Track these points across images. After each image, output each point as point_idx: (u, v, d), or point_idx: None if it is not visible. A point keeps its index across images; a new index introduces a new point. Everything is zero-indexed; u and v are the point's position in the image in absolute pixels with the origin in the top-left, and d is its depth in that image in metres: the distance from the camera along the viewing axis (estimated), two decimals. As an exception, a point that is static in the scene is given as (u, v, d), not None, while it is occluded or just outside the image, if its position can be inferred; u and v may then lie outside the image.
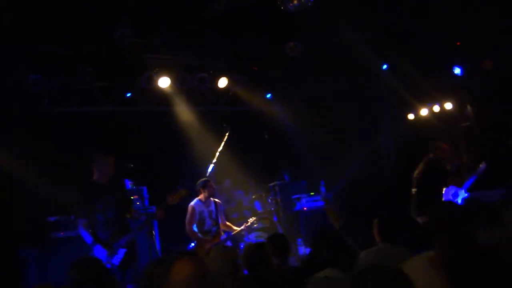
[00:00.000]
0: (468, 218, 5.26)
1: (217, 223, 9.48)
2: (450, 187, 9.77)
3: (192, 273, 3.88)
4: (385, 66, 12.68)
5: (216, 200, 9.74)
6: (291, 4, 8.08)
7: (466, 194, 9.75)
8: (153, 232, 8.31)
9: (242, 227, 9.78)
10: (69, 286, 4.92)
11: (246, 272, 5.53)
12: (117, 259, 7.35)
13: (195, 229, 9.29)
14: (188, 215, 9.29)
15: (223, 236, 9.59)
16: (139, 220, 8.09)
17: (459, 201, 9.70)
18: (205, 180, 9.58)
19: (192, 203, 9.37)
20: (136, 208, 8.45)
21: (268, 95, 12.91)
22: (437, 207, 6.19)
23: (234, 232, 9.75)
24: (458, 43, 11.75)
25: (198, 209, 9.36)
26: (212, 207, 9.51)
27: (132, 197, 9.22)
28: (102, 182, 7.77)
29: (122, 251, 7.44)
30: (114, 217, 7.65)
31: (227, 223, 9.89)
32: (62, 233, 9.75)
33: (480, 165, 9.77)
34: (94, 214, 7.54)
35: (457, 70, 12.33)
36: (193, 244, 9.46)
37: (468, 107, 13.29)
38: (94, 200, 7.59)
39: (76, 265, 5.04)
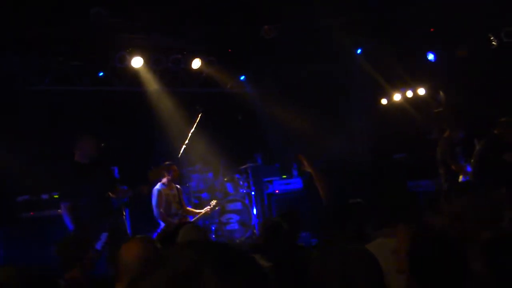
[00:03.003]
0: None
1: (181, 207, 9.51)
2: None
3: (141, 254, 3.81)
4: (359, 51, 12.73)
5: (178, 185, 9.77)
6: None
7: None
8: (124, 215, 8.28)
9: (205, 210, 9.82)
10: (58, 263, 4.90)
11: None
12: (99, 244, 7.34)
13: (163, 212, 9.30)
14: (156, 199, 9.28)
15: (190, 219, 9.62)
16: (122, 200, 8.10)
17: None
18: (169, 164, 9.58)
19: (157, 186, 9.36)
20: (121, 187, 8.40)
21: (242, 77, 12.89)
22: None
23: (195, 218, 9.75)
24: (432, 29, 11.84)
25: (164, 192, 9.37)
26: (175, 191, 9.55)
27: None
28: (84, 163, 7.75)
29: (104, 235, 7.44)
30: (98, 198, 7.64)
31: (188, 208, 9.92)
32: (32, 213, 9.70)
33: None
34: (78, 196, 7.52)
35: (430, 56, 12.43)
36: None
37: (441, 93, 13.40)
38: (78, 182, 7.57)
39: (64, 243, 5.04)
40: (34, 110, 10.40)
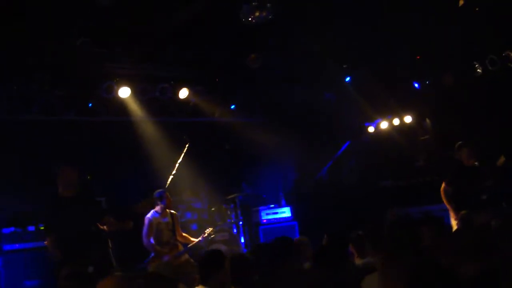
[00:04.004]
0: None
1: (174, 235, 9.41)
2: None
3: None
4: (348, 79, 12.79)
5: (173, 211, 9.66)
6: (252, 17, 8.12)
7: None
8: (110, 246, 8.18)
9: (200, 239, 9.70)
10: None
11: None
12: None
13: (153, 241, 9.19)
14: (145, 228, 9.19)
15: (182, 249, 9.50)
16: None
17: None
18: (161, 191, 9.49)
19: (149, 215, 9.27)
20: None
21: (232, 106, 12.87)
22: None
23: (191, 244, 9.65)
24: (418, 57, 11.93)
25: (155, 221, 9.26)
26: (169, 219, 9.43)
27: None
28: (68, 195, 7.66)
29: (90, 268, 7.35)
30: (84, 230, 7.55)
31: (184, 234, 9.80)
32: (17, 245, 9.58)
33: None
34: (61, 230, 7.42)
35: (416, 85, 12.52)
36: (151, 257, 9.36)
37: (427, 120, 13.47)
38: (61, 216, 7.48)
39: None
40: (18, 140, 10.30)
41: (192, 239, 9.72)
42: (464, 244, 4.25)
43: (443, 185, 9.53)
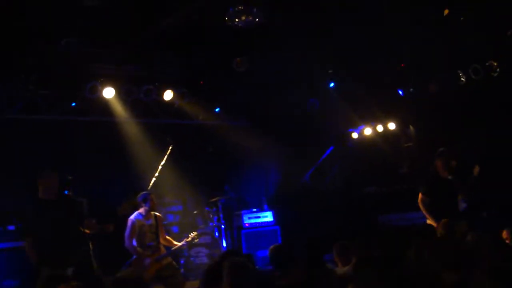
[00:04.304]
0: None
1: (157, 238, 9.36)
2: None
3: None
4: (332, 85, 12.83)
5: (157, 214, 9.61)
6: (238, 21, 8.12)
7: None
8: (91, 248, 8.13)
9: (183, 242, 9.63)
10: None
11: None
12: None
13: (135, 243, 9.15)
14: (127, 229, 9.14)
15: (165, 252, 9.45)
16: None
17: None
18: (146, 193, 9.45)
19: (132, 217, 9.22)
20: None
21: (216, 109, 12.86)
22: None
23: (174, 247, 9.61)
24: (402, 65, 12.00)
25: (138, 223, 9.22)
26: (153, 221, 9.38)
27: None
28: (49, 199, 7.63)
29: (70, 270, 7.33)
30: (64, 233, 7.51)
31: (168, 237, 9.76)
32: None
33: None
34: (40, 233, 7.39)
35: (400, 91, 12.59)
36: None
37: (411, 127, 13.54)
38: (39, 219, 7.45)
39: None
40: (1, 139, 10.24)
41: (175, 242, 9.66)
42: (446, 251, 4.28)
43: (420, 195, 9.58)
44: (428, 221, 9.36)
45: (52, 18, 8.50)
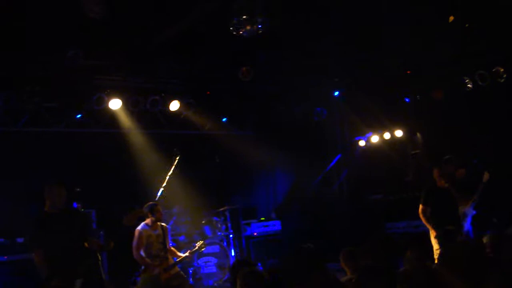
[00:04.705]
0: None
1: (165, 248, 9.34)
2: None
3: None
4: (337, 93, 12.82)
5: (163, 224, 9.59)
6: (243, 30, 8.12)
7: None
8: (100, 259, 8.11)
9: (186, 254, 9.57)
10: None
11: None
12: None
13: (143, 254, 9.12)
14: (135, 240, 9.11)
15: (173, 262, 9.42)
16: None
17: None
18: (152, 204, 9.42)
19: (139, 227, 9.19)
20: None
21: (224, 119, 12.86)
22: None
23: (179, 259, 9.55)
24: (408, 72, 11.99)
25: (145, 233, 9.19)
26: (160, 232, 9.36)
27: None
28: (55, 212, 7.62)
29: (78, 282, 7.31)
30: (71, 245, 7.50)
31: (172, 248, 9.72)
32: (6, 257, 9.51)
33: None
34: (47, 245, 7.38)
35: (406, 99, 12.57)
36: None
37: (418, 135, 13.50)
38: (46, 232, 7.44)
39: None
40: (7, 151, 10.26)
41: (179, 254, 9.62)
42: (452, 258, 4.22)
43: (420, 207, 9.54)
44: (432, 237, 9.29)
45: (57, 30, 8.53)
